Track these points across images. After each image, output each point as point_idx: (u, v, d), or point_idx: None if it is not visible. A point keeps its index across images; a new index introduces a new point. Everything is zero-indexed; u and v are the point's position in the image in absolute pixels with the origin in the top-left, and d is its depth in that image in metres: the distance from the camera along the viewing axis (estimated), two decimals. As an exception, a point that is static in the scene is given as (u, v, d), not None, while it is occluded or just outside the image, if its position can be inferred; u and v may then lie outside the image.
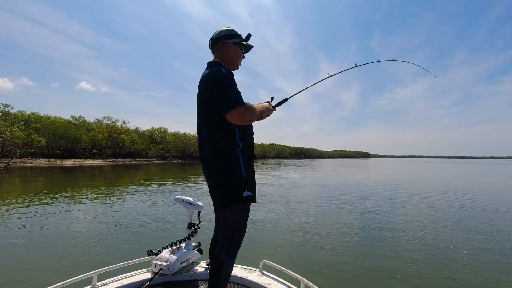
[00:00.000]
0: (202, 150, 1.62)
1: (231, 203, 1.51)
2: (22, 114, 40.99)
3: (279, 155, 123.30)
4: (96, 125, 51.48)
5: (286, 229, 6.09)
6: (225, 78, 1.50)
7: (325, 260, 4.37)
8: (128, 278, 1.82)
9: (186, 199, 2.06)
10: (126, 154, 51.90)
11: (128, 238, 5.23)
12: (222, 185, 1.52)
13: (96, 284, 1.69)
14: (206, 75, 1.56)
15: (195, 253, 2.07)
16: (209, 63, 1.66)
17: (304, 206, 8.99)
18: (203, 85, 1.55)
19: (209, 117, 1.53)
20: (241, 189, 1.52)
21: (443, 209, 8.64)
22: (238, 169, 1.52)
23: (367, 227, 6.38)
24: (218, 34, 1.65)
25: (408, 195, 11.79)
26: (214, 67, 1.57)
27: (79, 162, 37.90)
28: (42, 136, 37.11)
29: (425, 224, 6.69)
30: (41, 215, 6.99)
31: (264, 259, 2.05)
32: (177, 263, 1.88)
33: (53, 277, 3.54)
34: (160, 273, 1.84)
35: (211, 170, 1.55)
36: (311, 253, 4.70)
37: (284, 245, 5.02)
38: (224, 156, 1.51)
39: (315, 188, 14.15)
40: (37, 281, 3.50)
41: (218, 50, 1.66)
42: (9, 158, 29.33)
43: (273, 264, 1.99)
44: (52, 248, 4.63)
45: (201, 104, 1.57)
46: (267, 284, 1.84)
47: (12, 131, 30.39)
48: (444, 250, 4.85)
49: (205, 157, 1.58)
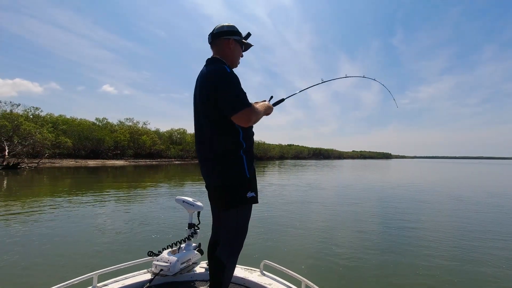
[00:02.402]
0: (202, 150, 1.57)
1: (235, 204, 1.49)
2: (50, 117, 43.13)
3: (297, 155, 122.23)
4: (119, 127, 53.28)
5: (287, 229, 6.07)
6: (231, 77, 1.46)
7: (326, 261, 4.32)
8: (129, 279, 1.83)
9: (186, 200, 2.06)
10: (147, 155, 53.33)
11: (128, 239, 5.25)
12: (226, 186, 1.48)
13: (97, 285, 1.70)
14: (209, 72, 1.51)
15: (195, 253, 2.08)
16: (209, 60, 1.61)
17: (305, 206, 8.91)
18: (205, 82, 1.50)
19: (211, 117, 1.49)
20: (245, 190, 1.50)
21: (464, 215, 8.19)
22: (242, 170, 1.50)
23: (370, 229, 6.25)
24: (220, 29, 1.61)
25: (422, 197, 11.32)
26: (217, 65, 1.52)
27: (103, 163, 39.41)
28: (68, 138, 38.84)
29: (442, 229, 6.39)
30: (46, 215, 7.08)
31: (265, 259, 2.04)
32: (177, 264, 1.89)
33: (53, 278, 3.51)
34: (160, 274, 1.85)
35: (214, 171, 1.51)
36: (312, 253, 4.66)
37: (285, 245, 5.00)
38: (228, 156, 1.48)
39: (318, 188, 13.95)
40: (37, 281, 3.49)
41: (218, 45, 1.62)
42: (39, 159, 31.01)
43: (274, 264, 1.97)
44: (52, 248, 4.66)
45: (202, 102, 1.51)
46: (268, 285, 1.83)
47: (41, 133, 32.06)
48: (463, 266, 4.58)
49: (206, 157, 1.54)
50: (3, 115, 32.01)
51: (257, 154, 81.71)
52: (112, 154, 47.69)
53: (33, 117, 38.18)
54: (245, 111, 1.42)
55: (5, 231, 5.66)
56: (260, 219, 6.79)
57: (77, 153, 42.43)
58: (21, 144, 29.96)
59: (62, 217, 6.87)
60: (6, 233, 5.51)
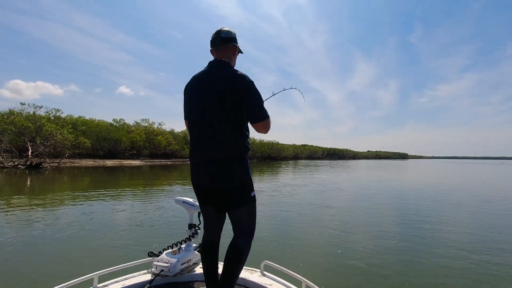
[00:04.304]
0: (211, 150, 1.53)
1: (246, 203, 1.60)
2: (70, 118, 44.72)
3: (311, 156, 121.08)
4: (135, 127, 54.52)
5: (287, 229, 6.05)
6: (255, 86, 1.56)
7: (326, 261, 4.30)
8: (129, 280, 1.84)
9: (186, 200, 2.09)
10: (162, 155, 54.32)
11: (128, 239, 5.27)
12: (239, 186, 1.56)
13: (97, 286, 1.72)
14: (231, 76, 1.53)
15: (195, 254, 2.10)
16: (221, 62, 1.61)
17: (306, 206, 8.83)
18: (225, 85, 1.50)
19: (231, 119, 1.52)
20: (251, 190, 1.62)
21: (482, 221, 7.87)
22: (248, 171, 1.61)
23: (373, 230, 6.16)
24: (230, 34, 1.66)
25: (441, 197, 10.94)
26: (236, 70, 1.57)
27: (120, 162, 40.46)
28: (87, 138, 40.18)
29: (457, 231, 6.15)
30: (47, 215, 7.15)
31: (265, 259, 2.04)
32: (178, 264, 1.91)
33: (54, 279, 3.51)
34: (161, 274, 1.87)
35: (225, 172, 1.52)
36: (312, 253, 4.64)
37: (286, 246, 4.99)
38: (241, 158, 1.56)
39: (322, 188, 13.77)
40: (37, 282, 3.49)
41: (227, 50, 1.65)
42: (59, 158, 32.23)
43: (274, 264, 1.97)
44: (52, 249, 4.67)
45: (222, 104, 1.50)
46: (268, 285, 1.84)
47: (62, 134, 33.34)
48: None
49: (215, 158, 1.52)
50: (27, 117, 33.49)
51: (271, 154, 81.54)
52: (129, 154, 48.90)
53: (54, 118, 39.74)
54: (268, 120, 1.60)
55: (9, 229, 5.70)
56: (261, 218, 6.77)
57: (95, 153, 43.78)
58: (43, 144, 31.25)
59: (66, 217, 6.93)
60: (10, 231, 5.54)
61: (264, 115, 1.56)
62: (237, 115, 1.53)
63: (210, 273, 1.68)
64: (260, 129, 1.60)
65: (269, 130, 1.63)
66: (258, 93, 1.56)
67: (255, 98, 1.54)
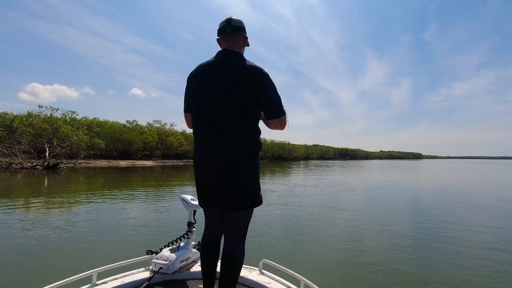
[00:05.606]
0: (223, 147, 1.41)
1: (254, 205, 1.51)
2: (85, 120, 45.91)
3: (322, 156, 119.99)
4: (147, 128, 55.42)
5: (286, 228, 6.03)
6: (271, 79, 1.46)
7: (325, 260, 4.29)
8: (128, 277, 1.85)
9: (184, 198, 2.11)
10: (174, 155, 54.96)
11: (128, 237, 5.31)
12: (253, 185, 1.49)
13: (96, 283, 1.72)
14: (248, 67, 1.41)
15: (194, 251, 2.12)
16: (234, 52, 1.49)
17: (306, 206, 8.77)
18: (242, 76, 1.39)
19: (246, 114, 1.41)
20: (259, 189, 1.54)
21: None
22: (259, 170, 1.54)
23: (373, 229, 6.12)
24: (241, 24, 1.54)
25: (456, 199, 10.63)
26: (252, 63, 1.45)
27: (133, 163, 41.20)
28: (102, 139, 41.15)
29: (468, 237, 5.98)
30: (49, 214, 7.22)
31: (264, 258, 2.05)
32: (177, 262, 1.92)
33: (52, 276, 3.52)
34: (160, 272, 1.88)
35: (241, 170, 1.43)
36: (311, 252, 4.63)
37: (284, 244, 4.97)
38: (256, 157, 1.50)
39: (323, 188, 13.65)
40: (36, 279, 3.49)
41: (238, 40, 1.53)
42: (75, 159, 33.12)
43: (273, 263, 1.96)
44: (52, 246, 4.71)
45: (238, 97, 1.39)
46: (267, 284, 1.83)
47: (77, 135, 34.31)
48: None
49: (228, 157, 1.41)
50: (44, 119, 34.62)
51: (282, 154, 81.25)
52: (142, 155, 49.74)
53: (70, 120, 40.91)
54: (285, 116, 1.52)
55: (6, 230, 5.71)
56: (260, 218, 6.75)
57: (109, 154, 44.74)
58: (60, 145, 32.20)
59: (67, 216, 7.00)
60: (7, 232, 5.55)
61: (283, 110, 1.48)
62: (252, 109, 1.43)
63: (209, 271, 1.67)
64: (277, 125, 1.51)
65: (285, 127, 1.55)
66: (275, 87, 1.46)
67: (274, 92, 1.45)
